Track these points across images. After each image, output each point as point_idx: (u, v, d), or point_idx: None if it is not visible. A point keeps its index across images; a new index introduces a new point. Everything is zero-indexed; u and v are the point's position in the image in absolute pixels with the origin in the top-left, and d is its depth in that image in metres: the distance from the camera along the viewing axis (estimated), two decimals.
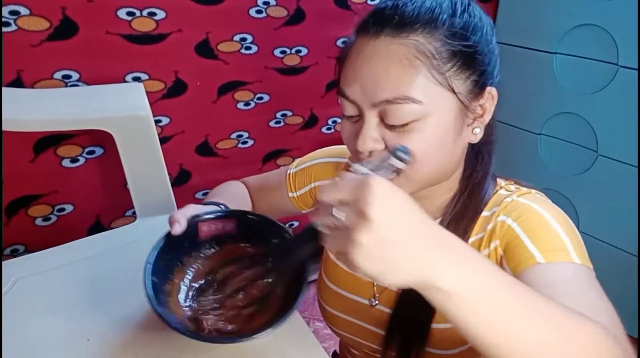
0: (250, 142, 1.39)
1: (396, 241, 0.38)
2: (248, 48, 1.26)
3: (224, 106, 1.29)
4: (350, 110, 0.58)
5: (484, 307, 0.40)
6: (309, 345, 0.65)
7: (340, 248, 0.40)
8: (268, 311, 0.60)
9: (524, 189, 0.65)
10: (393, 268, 0.39)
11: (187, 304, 0.62)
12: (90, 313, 0.71)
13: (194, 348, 0.62)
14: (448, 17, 0.55)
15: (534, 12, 1.63)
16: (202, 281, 0.65)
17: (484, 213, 0.64)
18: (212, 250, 0.67)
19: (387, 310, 0.70)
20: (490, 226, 0.62)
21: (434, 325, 0.65)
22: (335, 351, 0.95)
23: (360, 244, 0.38)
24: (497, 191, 0.66)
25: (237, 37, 1.24)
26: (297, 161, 0.84)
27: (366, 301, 0.73)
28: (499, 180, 0.68)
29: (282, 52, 1.32)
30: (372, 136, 0.56)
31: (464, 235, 0.64)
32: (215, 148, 1.34)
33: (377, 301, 0.72)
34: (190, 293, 0.64)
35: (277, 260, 0.63)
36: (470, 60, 0.56)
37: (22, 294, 0.76)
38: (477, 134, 0.60)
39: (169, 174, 1.26)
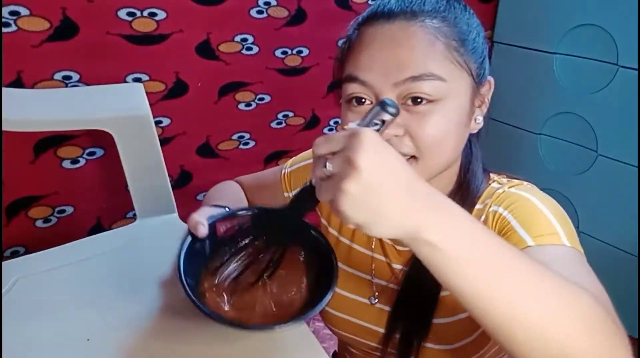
0: (252, 143, 1.38)
1: (383, 189, 0.39)
2: (249, 49, 1.25)
3: (225, 107, 1.29)
4: (362, 94, 0.58)
5: (472, 264, 0.40)
6: (309, 345, 0.65)
7: (329, 197, 0.41)
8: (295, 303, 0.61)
9: (516, 181, 0.66)
10: (380, 217, 0.40)
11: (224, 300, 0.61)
12: (90, 313, 0.71)
13: (195, 347, 0.62)
14: (455, 8, 0.59)
15: (534, 12, 1.63)
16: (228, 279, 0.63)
17: (477, 206, 0.65)
18: (234, 248, 0.64)
19: (386, 308, 0.71)
20: (482, 218, 0.63)
21: (435, 320, 0.65)
22: (335, 351, 0.95)
23: (347, 191, 0.39)
24: (490, 184, 0.67)
25: (238, 38, 1.23)
26: (292, 160, 0.84)
27: (366, 301, 0.73)
28: (491, 174, 0.69)
29: (284, 52, 1.32)
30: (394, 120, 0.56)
31: None
32: (217, 149, 1.33)
33: (376, 300, 0.72)
34: (222, 292, 0.62)
35: (279, 227, 0.61)
36: (479, 47, 0.60)
37: (22, 294, 0.75)
38: (479, 122, 0.62)
39: (170, 175, 1.25)
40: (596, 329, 0.41)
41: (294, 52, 1.33)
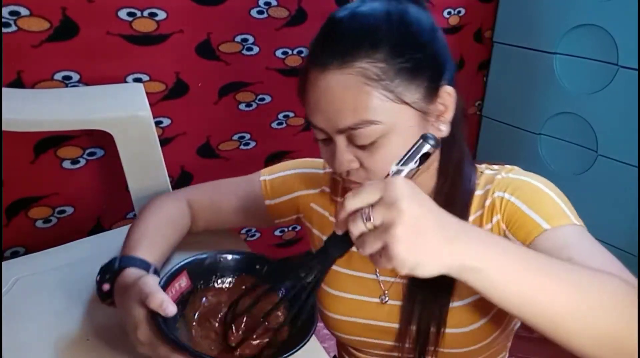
0: (252, 144, 1.38)
1: (429, 229, 0.42)
2: (249, 49, 1.25)
3: (225, 107, 1.29)
4: (320, 135, 0.62)
5: (516, 278, 0.44)
6: (309, 345, 0.64)
7: (377, 247, 0.43)
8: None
9: (508, 166, 0.69)
10: (430, 254, 0.42)
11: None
12: (90, 313, 0.71)
13: None
14: (385, 35, 0.58)
15: (534, 12, 1.63)
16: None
17: (477, 192, 0.67)
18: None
19: (398, 303, 0.71)
20: (488, 202, 0.65)
21: (452, 304, 0.66)
22: (334, 356, 0.94)
23: (398, 236, 0.41)
24: (482, 172, 0.69)
25: (238, 38, 1.23)
26: (268, 169, 0.83)
27: (376, 300, 0.73)
28: (478, 166, 0.71)
29: (284, 53, 1.31)
30: (347, 159, 0.61)
31: (462, 216, 0.65)
32: (217, 150, 1.33)
33: (387, 298, 0.72)
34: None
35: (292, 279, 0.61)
36: (416, 70, 0.58)
37: (22, 294, 0.76)
38: (442, 130, 0.63)
39: (170, 176, 1.25)
40: (631, 305, 0.45)
41: (295, 52, 1.33)
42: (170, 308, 0.53)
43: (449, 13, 1.58)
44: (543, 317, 0.45)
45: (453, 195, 0.66)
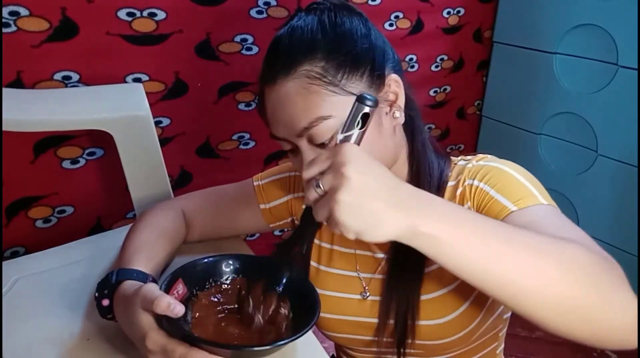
0: (252, 143, 1.38)
1: (375, 193, 0.43)
2: (249, 49, 1.25)
3: (225, 107, 1.28)
4: (287, 146, 0.65)
5: (470, 245, 0.44)
6: (308, 345, 0.66)
7: (326, 213, 0.45)
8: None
9: (480, 155, 0.70)
10: (377, 219, 0.43)
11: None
12: (90, 313, 0.71)
13: None
14: (320, 38, 0.62)
15: (534, 12, 1.63)
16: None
17: (450, 183, 0.69)
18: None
19: (378, 298, 0.73)
20: (459, 191, 0.67)
21: (424, 297, 0.68)
22: (332, 355, 0.95)
23: (342, 201, 0.43)
24: (456, 164, 0.71)
25: (237, 38, 1.23)
26: (261, 174, 0.85)
27: (357, 296, 0.74)
28: (453, 158, 0.73)
29: None
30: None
31: None
32: (217, 150, 1.33)
33: (368, 294, 0.74)
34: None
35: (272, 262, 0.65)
36: (356, 60, 0.62)
37: (22, 294, 0.76)
38: (398, 117, 0.66)
39: (170, 175, 1.25)
40: (595, 273, 0.45)
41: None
42: (178, 308, 0.53)
43: (449, 13, 1.58)
44: (502, 285, 0.45)
45: (418, 184, 0.68)
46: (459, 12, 1.60)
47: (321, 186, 0.46)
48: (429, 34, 1.56)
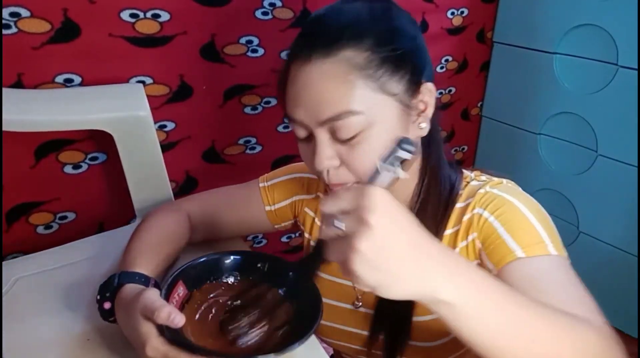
0: (259, 148, 1.36)
1: (396, 249, 0.39)
2: (254, 51, 1.23)
3: (230, 110, 1.26)
4: (301, 132, 0.61)
5: (487, 317, 0.42)
6: (308, 345, 0.65)
7: (341, 257, 0.41)
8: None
9: (496, 179, 0.67)
10: (395, 278, 0.40)
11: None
12: (90, 313, 0.71)
13: None
14: (370, 27, 0.58)
15: (534, 12, 1.63)
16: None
17: (458, 205, 0.66)
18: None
19: (370, 311, 0.72)
20: (466, 218, 0.64)
21: (415, 318, 0.67)
22: (331, 355, 0.96)
23: (359, 250, 0.39)
24: (468, 182, 0.68)
25: (243, 40, 1.21)
26: (266, 176, 0.84)
27: (349, 306, 0.74)
28: (465, 172, 0.70)
29: None
30: (327, 155, 0.59)
31: (437, 226, 0.66)
32: (223, 154, 1.30)
33: (360, 304, 0.73)
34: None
35: (284, 280, 0.65)
36: (400, 61, 0.59)
37: (22, 294, 0.76)
38: (423, 128, 0.64)
39: (175, 181, 1.24)
40: (599, 353, 0.44)
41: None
42: (178, 319, 0.53)
43: (452, 13, 1.58)
44: None
45: (426, 200, 0.66)
46: (462, 12, 1.60)
47: (341, 227, 0.41)
48: (434, 34, 1.55)
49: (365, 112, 0.57)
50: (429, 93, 0.63)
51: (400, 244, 0.40)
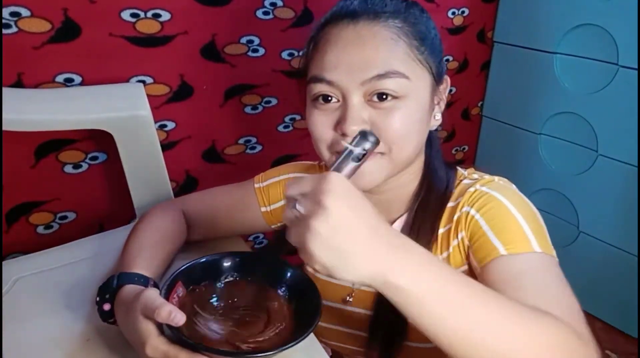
0: (259, 147, 1.36)
1: (352, 231, 0.41)
2: (255, 50, 1.23)
3: (231, 110, 1.26)
4: (330, 96, 0.61)
5: (440, 306, 0.42)
6: (309, 345, 0.66)
7: (299, 238, 0.42)
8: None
9: (487, 177, 0.67)
10: (347, 259, 0.41)
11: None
12: (90, 313, 0.71)
13: None
14: (414, 12, 0.62)
15: (534, 12, 1.63)
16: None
17: (450, 204, 0.67)
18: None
19: (362, 311, 0.73)
20: (456, 217, 0.64)
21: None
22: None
23: (315, 230, 0.40)
24: (461, 181, 0.68)
25: (243, 39, 1.21)
26: (262, 175, 0.84)
27: (340, 305, 0.75)
28: (460, 170, 0.71)
29: (290, 54, 1.29)
30: (361, 117, 0.59)
31: (432, 225, 0.66)
32: (223, 154, 1.30)
33: (350, 300, 0.73)
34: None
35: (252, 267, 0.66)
36: (436, 47, 0.63)
37: (22, 294, 0.76)
38: (438, 119, 0.66)
39: (175, 181, 1.24)
40: (562, 351, 0.43)
41: (301, 53, 1.31)
42: (179, 317, 0.53)
43: (453, 13, 1.58)
44: (465, 346, 0.42)
45: (427, 199, 0.67)
46: (463, 12, 1.60)
47: (300, 210, 0.43)
48: None
49: (410, 78, 0.59)
50: (446, 87, 0.67)
51: (354, 226, 0.41)
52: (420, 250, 0.44)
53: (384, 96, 0.59)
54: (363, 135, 0.47)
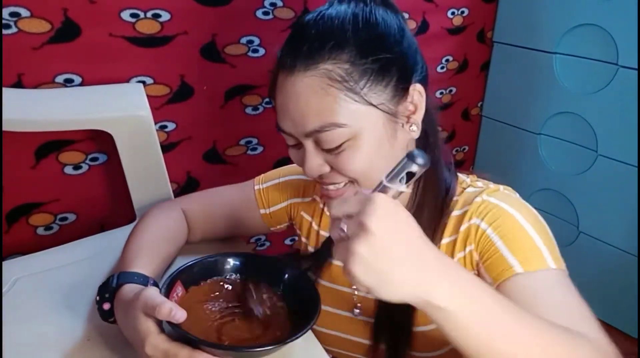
0: (260, 148, 1.35)
1: (394, 254, 0.41)
2: (255, 51, 1.23)
3: (231, 110, 1.26)
4: (291, 141, 0.62)
5: (479, 325, 0.42)
6: (309, 345, 0.66)
7: (342, 258, 0.43)
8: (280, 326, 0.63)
9: (492, 186, 0.66)
10: (390, 282, 0.41)
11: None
12: (90, 313, 0.71)
13: None
14: (351, 37, 0.57)
15: (534, 12, 1.63)
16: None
17: (455, 213, 0.65)
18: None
19: (369, 320, 0.72)
20: (463, 228, 0.63)
21: (417, 328, 0.66)
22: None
23: (357, 253, 0.41)
24: (464, 188, 0.67)
25: (244, 40, 1.21)
26: (262, 177, 0.84)
27: (349, 314, 0.74)
28: (461, 176, 0.69)
29: None
30: (316, 163, 0.60)
31: (434, 230, 0.65)
32: (224, 155, 1.30)
33: (359, 311, 0.73)
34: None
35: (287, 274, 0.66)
36: (384, 69, 0.58)
37: (22, 294, 0.76)
38: (415, 130, 0.62)
39: (176, 182, 1.23)
40: None
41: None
42: (179, 314, 0.53)
43: (453, 13, 1.57)
44: None
45: (422, 204, 0.65)
46: (462, 12, 1.60)
47: (345, 230, 0.44)
48: (434, 34, 1.54)
49: (349, 124, 0.57)
50: (418, 95, 0.61)
51: (397, 249, 0.41)
52: (459, 269, 0.44)
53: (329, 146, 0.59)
54: (410, 157, 0.46)
